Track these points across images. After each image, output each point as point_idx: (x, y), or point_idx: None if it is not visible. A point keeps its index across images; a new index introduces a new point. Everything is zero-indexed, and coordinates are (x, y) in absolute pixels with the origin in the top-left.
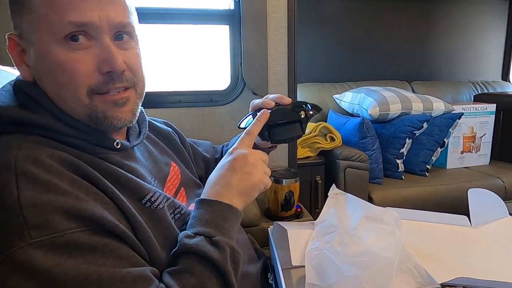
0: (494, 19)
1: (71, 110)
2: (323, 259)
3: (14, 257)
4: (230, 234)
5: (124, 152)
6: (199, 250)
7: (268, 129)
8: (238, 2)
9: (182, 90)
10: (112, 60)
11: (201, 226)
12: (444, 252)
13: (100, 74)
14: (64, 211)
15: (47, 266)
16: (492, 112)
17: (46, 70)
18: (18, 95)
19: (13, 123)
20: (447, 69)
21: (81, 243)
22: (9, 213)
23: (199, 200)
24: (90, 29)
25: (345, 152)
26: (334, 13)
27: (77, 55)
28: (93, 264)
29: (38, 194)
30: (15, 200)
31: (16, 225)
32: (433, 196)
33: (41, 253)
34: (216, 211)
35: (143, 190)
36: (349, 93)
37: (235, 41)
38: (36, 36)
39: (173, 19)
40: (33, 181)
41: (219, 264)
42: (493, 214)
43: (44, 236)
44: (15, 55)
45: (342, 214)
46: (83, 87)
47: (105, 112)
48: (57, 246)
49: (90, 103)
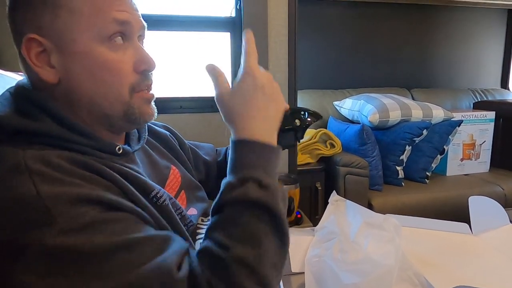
0: (493, 27)
1: (109, 107)
2: (322, 267)
3: (45, 244)
4: (274, 175)
5: (125, 157)
6: (248, 196)
7: None
8: (239, 9)
9: (183, 96)
10: (149, 60)
11: (246, 170)
12: (445, 260)
13: (136, 73)
14: (84, 198)
15: (80, 245)
16: (492, 120)
17: (86, 69)
18: (18, 102)
19: (15, 132)
20: (446, 76)
21: (104, 219)
22: (31, 207)
23: (236, 141)
24: (128, 30)
25: (345, 158)
26: (334, 20)
27: (118, 55)
28: (119, 234)
29: (55, 188)
30: (35, 196)
31: (41, 216)
32: (433, 203)
33: (72, 235)
34: (259, 152)
35: (149, 186)
36: (349, 100)
37: (236, 48)
38: (76, 37)
39: (175, 26)
40: (47, 179)
41: (271, 206)
42: (494, 221)
43: (70, 221)
44: (34, 57)
45: (342, 221)
46: (126, 85)
47: (140, 108)
48: (83, 226)
49: (129, 100)
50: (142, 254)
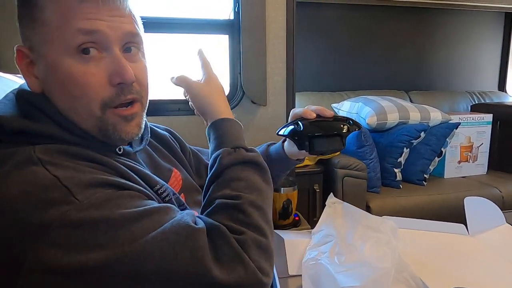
0: (491, 30)
1: (82, 122)
2: (319, 270)
3: (69, 219)
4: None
5: (127, 157)
6: (246, 158)
7: (308, 139)
8: (237, 12)
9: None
10: (123, 72)
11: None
12: (441, 261)
13: (112, 87)
14: (97, 181)
15: (105, 215)
16: (489, 122)
17: (57, 83)
18: (21, 105)
19: (18, 133)
20: (444, 79)
21: (121, 195)
22: (50, 188)
23: (218, 121)
24: (100, 39)
25: (343, 161)
26: (333, 22)
27: (89, 68)
28: (136, 206)
29: (69, 173)
30: (52, 178)
31: (61, 195)
32: (430, 205)
33: (94, 209)
34: (236, 126)
35: (153, 180)
36: (347, 102)
37: (235, 51)
38: (47, 48)
39: (174, 29)
40: (60, 167)
41: (262, 164)
42: (490, 222)
43: (90, 197)
44: (23, 66)
45: (339, 223)
46: (96, 100)
47: (115, 126)
48: (102, 201)
49: (102, 116)
50: (161, 219)
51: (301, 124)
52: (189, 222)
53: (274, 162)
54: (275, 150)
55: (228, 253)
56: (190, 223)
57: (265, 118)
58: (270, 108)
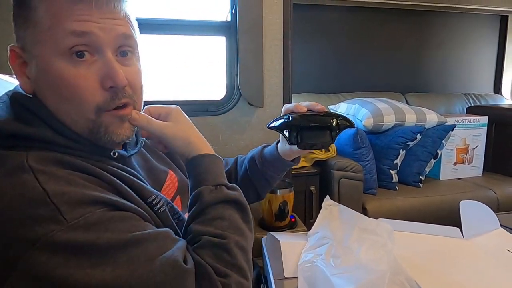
0: (486, 33)
1: (73, 123)
2: (315, 272)
3: (54, 240)
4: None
5: (122, 161)
6: (228, 197)
7: (297, 131)
8: (234, 14)
9: (178, 100)
10: (114, 75)
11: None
12: (436, 264)
13: (104, 91)
14: (90, 197)
15: (91, 240)
16: (485, 124)
17: (48, 84)
18: (14, 107)
19: (12, 137)
20: (440, 81)
21: (111, 217)
22: (37, 204)
23: (198, 156)
24: (92, 41)
25: (340, 162)
26: (330, 25)
27: (80, 71)
28: (126, 231)
29: (61, 187)
30: (41, 192)
31: (49, 213)
32: (426, 207)
33: (81, 232)
34: (216, 162)
35: (146, 192)
36: (344, 104)
37: (232, 52)
38: (39, 49)
39: (171, 30)
40: (52, 177)
41: (244, 203)
42: (485, 226)
43: (79, 218)
44: (16, 66)
45: (335, 225)
46: (90, 103)
47: (108, 127)
48: (91, 223)
49: (96, 119)
50: (150, 250)
51: (291, 117)
52: (179, 261)
53: (269, 163)
54: (269, 151)
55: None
56: (180, 261)
57: (261, 120)
58: (267, 109)
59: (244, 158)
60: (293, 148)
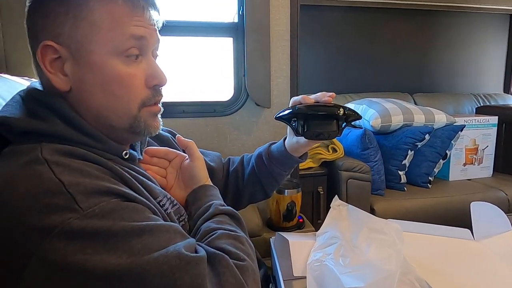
0: (496, 32)
1: (115, 119)
2: (324, 271)
3: (71, 228)
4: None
5: (132, 162)
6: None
7: (304, 120)
8: (241, 15)
9: (186, 101)
10: (161, 75)
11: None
12: (446, 265)
13: (147, 88)
14: (105, 188)
15: (106, 227)
16: (494, 125)
17: (98, 81)
18: (28, 104)
19: (25, 133)
20: (448, 81)
21: (125, 206)
22: (54, 193)
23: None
24: (144, 45)
25: (347, 163)
26: (336, 25)
27: (131, 70)
28: (139, 220)
29: (75, 178)
30: (57, 183)
31: (65, 202)
32: (435, 208)
33: (97, 220)
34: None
35: (155, 192)
36: (351, 104)
37: (239, 53)
38: (93, 48)
39: (179, 32)
40: (67, 168)
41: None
42: (496, 227)
43: (94, 206)
44: (48, 63)
45: (343, 225)
46: (136, 100)
47: (146, 121)
48: (106, 212)
49: (137, 114)
50: (163, 239)
51: (298, 107)
52: (188, 254)
53: (276, 160)
54: (276, 148)
55: (231, 280)
56: (189, 254)
57: (269, 121)
58: (274, 110)
59: (250, 156)
60: (300, 141)
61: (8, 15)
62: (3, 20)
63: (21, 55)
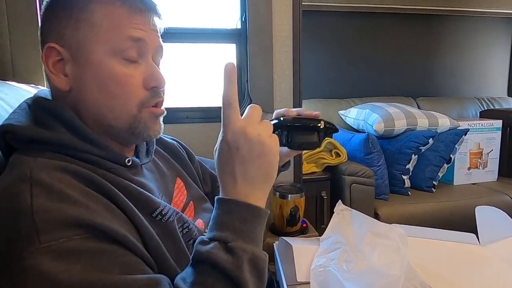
0: (499, 36)
1: (114, 119)
2: (328, 276)
3: (25, 263)
4: (251, 237)
5: (134, 169)
6: (210, 258)
7: (288, 131)
8: (244, 21)
9: (189, 107)
10: (159, 77)
11: (216, 230)
12: (452, 271)
13: (146, 89)
14: (73, 219)
15: (54, 273)
16: (499, 128)
17: (97, 81)
18: (34, 112)
19: (31, 141)
20: (452, 85)
21: (89, 248)
22: (21, 218)
23: (217, 199)
24: (142, 47)
25: (351, 167)
26: (339, 30)
27: (129, 70)
28: (99, 270)
29: (50, 203)
30: (27, 206)
31: (27, 230)
32: (440, 212)
33: (49, 259)
34: (235, 212)
35: (154, 204)
36: (354, 109)
37: (242, 59)
38: (92, 48)
39: (183, 38)
40: (46, 190)
41: (233, 274)
42: (502, 232)
43: (52, 242)
44: (51, 64)
45: (347, 230)
46: (134, 100)
47: (146, 123)
48: (64, 251)
49: (137, 115)
50: None
51: (282, 119)
52: None
53: None
54: None
55: None
56: None
57: None
58: None
59: None
60: (283, 151)
61: (15, 23)
62: (10, 27)
63: (27, 62)
